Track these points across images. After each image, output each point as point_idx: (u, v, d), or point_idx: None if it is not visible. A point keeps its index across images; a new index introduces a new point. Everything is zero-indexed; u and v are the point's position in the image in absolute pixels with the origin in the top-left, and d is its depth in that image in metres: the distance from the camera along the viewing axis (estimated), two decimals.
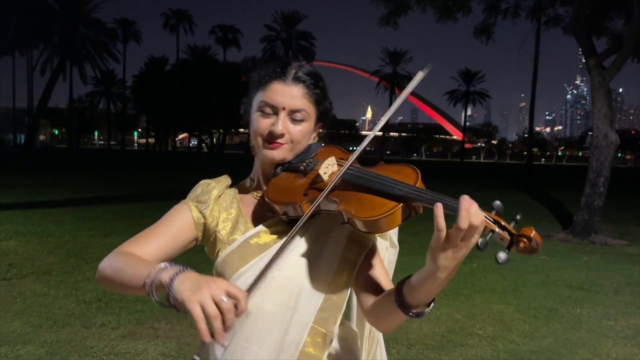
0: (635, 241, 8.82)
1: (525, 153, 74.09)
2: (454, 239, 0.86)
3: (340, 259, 1.14)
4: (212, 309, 0.85)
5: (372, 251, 1.19)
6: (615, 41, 10.63)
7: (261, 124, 1.14)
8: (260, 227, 1.16)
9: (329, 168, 1.10)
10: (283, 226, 1.15)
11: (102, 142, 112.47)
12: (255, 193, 1.24)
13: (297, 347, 1.11)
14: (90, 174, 20.36)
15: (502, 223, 0.89)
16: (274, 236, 1.15)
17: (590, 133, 9.56)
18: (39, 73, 52.86)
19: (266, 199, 1.13)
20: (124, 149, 71.10)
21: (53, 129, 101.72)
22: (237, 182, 1.31)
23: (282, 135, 1.13)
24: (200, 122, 55.48)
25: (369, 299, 1.12)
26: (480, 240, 0.86)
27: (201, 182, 1.25)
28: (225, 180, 1.26)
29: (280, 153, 1.15)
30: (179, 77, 52.78)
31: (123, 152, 62.10)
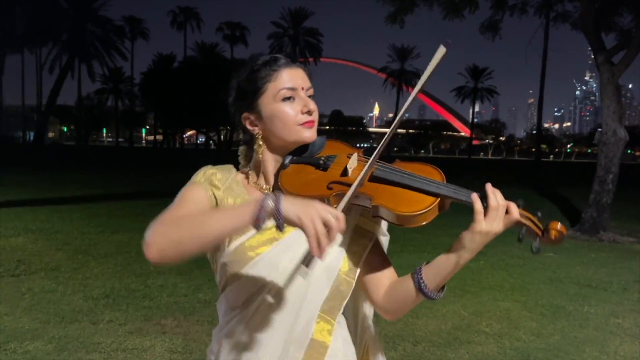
0: None
1: (533, 150, 73.71)
2: (490, 219, 1.05)
3: (347, 251, 1.19)
4: (321, 227, 0.91)
5: (377, 244, 1.24)
6: (624, 37, 10.53)
7: (291, 109, 1.17)
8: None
9: (353, 163, 1.13)
10: None
11: (110, 139, 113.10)
12: (261, 185, 1.24)
13: (307, 335, 1.16)
14: (99, 171, 20.48)
15: (533, 218, 1.06)
16: (290, 229, 1.13)
17: (599, 129, 9.49)
18: (48, 71, 53.18)
19: (282, 191, 1.12)
20: (132, 146, 71.47)
21: (62, 126, 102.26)
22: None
23: (315, 110, 1.19)
24: (208, 119, 55.61)
25: (380, 289, 1.20)
26: (520, 233, 1.06)
27: (206, 167, 1.24)
28: (231, 168, 1.27)
29: (313, 132, 1.20)
30: (187, 75, 52.89)
31: (131, 149, 62.39)
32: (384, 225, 1.30)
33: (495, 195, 1.05)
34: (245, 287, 1.15)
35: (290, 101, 1.17)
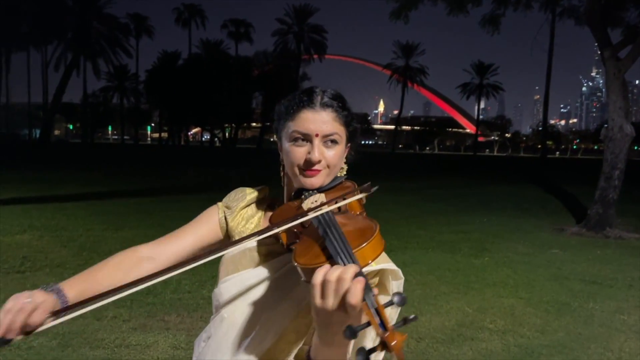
0: None
1: (539, 146, 73.36)
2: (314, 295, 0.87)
3: (308, 302, 1.10)
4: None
5: None
6: (630, 32, 10.46)
7: (297, 153, 1.15)
8: (261, 242, 1.18)
9: (313, 204, 1.11)
10: (280, 248, 1.15)
11: (115, 137, 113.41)
12: None
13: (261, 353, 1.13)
14: (104, 169, 20.55)
15: (381, 315, 0.80)
16: (268, 255, 1.19)
17: (605, 125, 9.43)
18: (53, 68, 53.38)
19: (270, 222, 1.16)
20: (137, 143, 71.64)
21: (68, 123, 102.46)
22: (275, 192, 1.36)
23: (319, 162, 1.14)
24: (213, 117, 55.68)
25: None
26: (347, 331, 0.79)
27: (238, 189, 1.33)
28: (260, 192, 1.31)
29: (319, 179, 1.16)
30: (192, 72, 52.96)
31: (136, 146, 62.56)
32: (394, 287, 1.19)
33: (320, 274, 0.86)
34: (217, 298, 1.20)
35: (300, 144, 1.15)
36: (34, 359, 3.40)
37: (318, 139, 1.14)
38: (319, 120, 1.14)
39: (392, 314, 1.01)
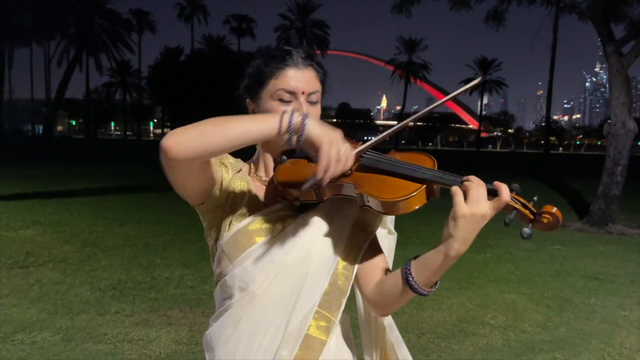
0: None
1: (542, 142, 73.14)
2: (471, 200, 0.98)
3: (345, 245, 1.16)
4: (336, 152, 0.94)
5: (374, 238, 1.22)
6: (633, 27, 10.40)
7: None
8: (270, 210, 1.17)
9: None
10: (291, 211, 1.16)
11: (118, 133, 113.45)
12: (261, 176, 1.25)
13: (302, 331, 1.11)
14: (107, 164, 20.59)
15: (524, 202, 0.99)
16: (282, 221, 1.16)
17: (608, 121, 9.40)
18: (56, 64, 53.50)
19: (276, 183, 1.13)
20: (140, 139, 71.69)
21: (70, 119, 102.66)
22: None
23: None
24: (215, 112, 55.56)
25: (371, 282, 1.16)
26: (507, 218, 0.98)
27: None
28: (240, 160, 1.28)
29: None
30: (194, 67, 52.91)
31: (139, 142, 62.65)
32: (390, 223, 1.30)
33: (474, 178, 0.99)
34: (240, 277, 1.13)
35: (285, 103, 1.15)
36: (37, 353, 3.41)
37: (304, 97, 1.15)
38: (304, 78, 1.16)
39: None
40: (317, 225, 1.15)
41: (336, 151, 0.93)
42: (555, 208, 0.96)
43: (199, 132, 0.99)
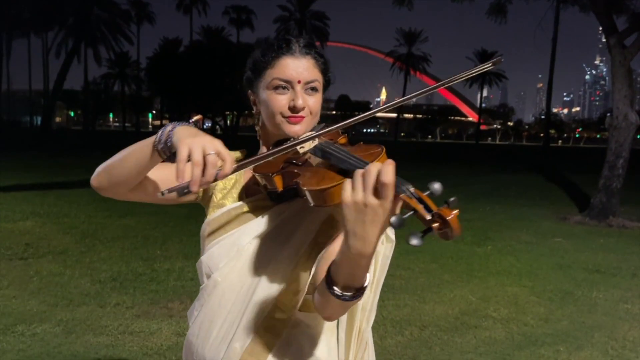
0: None
1: (541, 135, 73.16)
2: (356, 187, 0.79)
3: (311, 242, 1.13)
4: (198, 157, 0.88)
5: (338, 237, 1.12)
6: (636, 19, 10.34)
7: (278, 101, 1.13)
8: (246, 200, 1.19)
9: (307, 143, 1.07)
10: (268, 202, 1.15)
11: (117, 124, 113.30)
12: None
13: (257, 325, 1.12)
14: (106, 156, 20.47)
15: (425, 201, 0.78)
16: (256, 210, 1.17)
17: (609, 114, 9.37)
18: (54, 55, 53.19)
19: (254, 173, 1.12)
20: (138, 130, 71.49)
21: (69, 110, 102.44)
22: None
23: (303, 108, 1.12)
24: (214, 104, 55.50)
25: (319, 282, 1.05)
26: (393, 218, 0.76)
27: None
28: (241, 153, 1.27)
29: (302, 127, 1.14)
30: (193, 59, 52.70)
31: (138, 133, 62.50)
32: (389, 230, 1.14)
33: (373, 166, 0.78)
34: (206, 263, 1.18)
35: (281, 92, 1.13)
36: (37, 345, 3.40)
37: (300, 86, 1.12)
38: (300, 66, 1.12)
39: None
40: (286, 217, 1.14)
41: (198, 157, 0.87)
42: (454, 215, 0.75)
43: (108, 165, 1.15)
